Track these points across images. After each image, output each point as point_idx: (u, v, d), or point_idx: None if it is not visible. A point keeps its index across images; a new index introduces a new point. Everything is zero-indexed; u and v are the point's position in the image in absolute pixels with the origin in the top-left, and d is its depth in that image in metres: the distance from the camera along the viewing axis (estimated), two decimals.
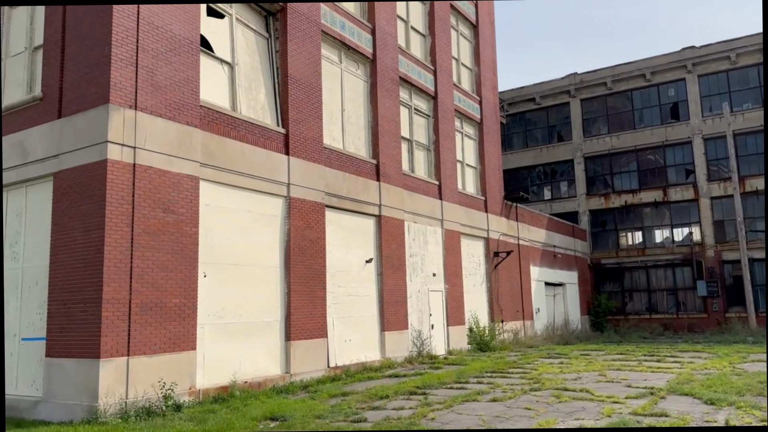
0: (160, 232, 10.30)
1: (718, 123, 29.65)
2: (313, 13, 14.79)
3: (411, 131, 19.24)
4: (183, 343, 10.36)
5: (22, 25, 12.04)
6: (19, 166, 11.07)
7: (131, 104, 10.12)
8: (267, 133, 13.16)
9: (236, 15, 13.12)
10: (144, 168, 10.20)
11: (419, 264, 18.43)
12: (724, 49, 30.06)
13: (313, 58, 14.69)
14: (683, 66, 31.04)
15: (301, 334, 13.17)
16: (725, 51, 30.00)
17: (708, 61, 30.56)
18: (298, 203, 13.67)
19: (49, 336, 9.91)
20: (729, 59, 29.98)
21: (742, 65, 29.84)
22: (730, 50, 29.86)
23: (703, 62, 30.65)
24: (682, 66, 31.07)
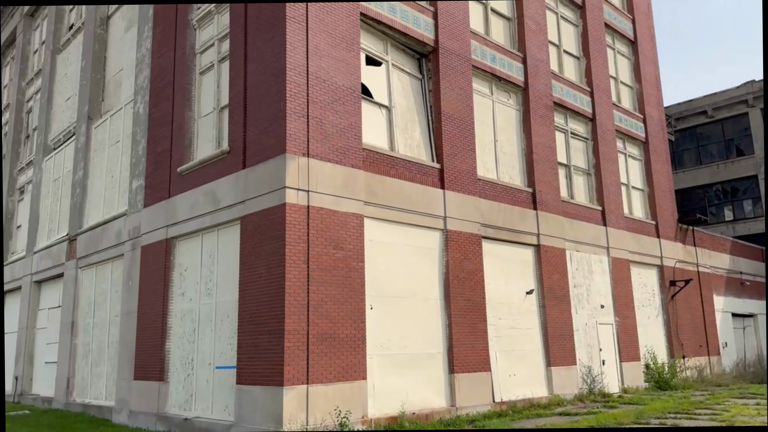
0: (331, 267, 11.05)
1: None
2: (463, 50, 15.14)
3: (568, 156, 18.63)
4: (355, 372, 10.90)
5: (211, 88, 13.83)
6: (211, 212, 12.58)
7: (304, 152, 11.10)
8: (423, 169, 13.60)
9: (392, 61, 13.88)
10: (316, 209, 11.07)
11: (584, 295, 17.56)
12: None
13: (464, 93, 14.97)
14: None
15: (464, 366, 13.16)
16: None
17: None
18: (454, 235, 13.84)
19: (239, 365, 11.00)
20: None
21: None
22: None
23: None
24: None
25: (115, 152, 17.42)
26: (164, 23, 15.37)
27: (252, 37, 12.16)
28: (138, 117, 15.87)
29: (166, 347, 13.20)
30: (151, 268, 14.12)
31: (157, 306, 13.62)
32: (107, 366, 15.93)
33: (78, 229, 18.15)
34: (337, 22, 12.18)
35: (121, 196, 16.61)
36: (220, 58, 13.57)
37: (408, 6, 13.98)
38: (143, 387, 13.55)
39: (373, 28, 13.42)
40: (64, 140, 20.80)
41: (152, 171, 14.78)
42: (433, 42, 14.44)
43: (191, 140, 13.95)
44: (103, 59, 19.35)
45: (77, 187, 18.63)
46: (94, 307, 17.02)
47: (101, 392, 16.00)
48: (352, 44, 12.42)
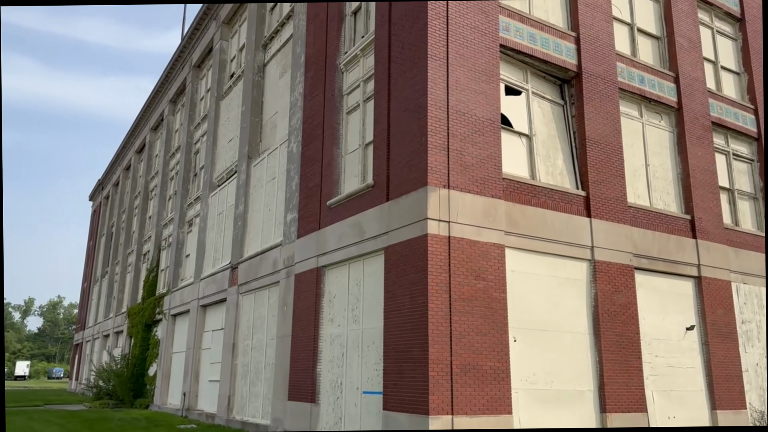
0: (472, 297, 11.08)
1: None
2: (608, 73, 14.63)
3: (731, 179, 17.07)
4: (500, 406, 10.74)
5: (356, 127, 14.67)
6: (357, 243, 13.23)
7: (444, 184, 11.36)
8: (566, 197, 13.23)
9: (532, 89, 13.80)
10: (457, 239, 11.22)
11: (754, 332, 15.79)
12: None
13: (611, 117, 14.41)
14: None
15: (618, 406, 12.39)
16: None
17: None
18: (603, 266, 13.22)
19: (386, 391, 11.34)
20: None
21: None
22: None
23: None
24: None
25: (272, 188, 19.00)
26: (315, 69, 16.65)
27: (395, 77, 12.77)
28: (291, 155, 17.23)
29: (317, 370, 13.97)
30: (303, 295, 15.11)
31: (309, 330, 14.50)
32: (264, 386, 17.15)
33: (239, 258, 19.93)
34: (476, 56, 12.42)
35: (277, 227, 18.03)
36: (365, 98, 14.39)
37: (549, 34, 13.87)
38: (296, 407, 14.40)
39: (512, 59, 13.47)
40: (227, 178, 23.09)
41: (304, 205, 15.91)
42: (576, 67, 14.14)
43: (339, 175, 14.84)
44: (260, 103, 21.32)
45: (238, 220, 20.53)
46: (253, 330, 18.49)
47: (258, 411, 17.24)
48: (491, 76, 12.57)
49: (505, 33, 13.15)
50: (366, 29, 15.04)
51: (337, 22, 16.00)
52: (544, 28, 13.84)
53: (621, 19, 15.90)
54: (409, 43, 12.45)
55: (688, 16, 17.05)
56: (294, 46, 18.47)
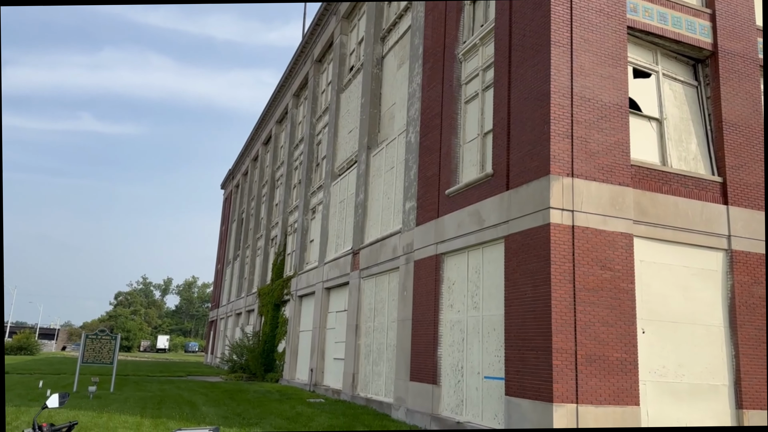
0: (598, 288, 10.96)
1: None
2: (748, 51, 13.60)
3: None
4: (626, 397, 10.60)
5: (475, 116, 14.83)
6: (476, 231, 13.47)
7: (568, 172, 11.27)
8: (701, 183, 12.57)
9: (662, 70, 13.18)
10: (581, 229, 11.12)
11: None
12: None
13: (751, 97, 13.41)
14: None
15: (757, 403, 11.71)
16: None
17: None
18: (741, 256, 12.45)
19: (507, 377, 11.56)
20: None
21: None
22: None
23: None
24: None
25: (390, 177, 19.67)
26: (433, 60, 16.96)
27: (516, 65, 12.77)
28: (410, 145, 17.74)
29: (438, 353, 14.46)
30: (423, 281, 15.63)
31: (429, 315, 15.02)
32: (386, 366, 17.98)
33: (360, 244, 20.88)
34: (602, 40, 12.10)
35: (396, 215, 18.68)
36: (483, 87, 14.49)
37: (681, 12, 13.14)
38: (418, 388, 15.02)
39: (641, 40, 12.95)
40: (347, 167, 24.14)
41: (423, 193, 16.38)
42: (711, 46, 13.30)
43: (457, 165, 15.11)
44: (379, 95, 22.03)
45: (359, 208, 21.47)
46: (374, 313, 19.38)
47: (381, 389, 18.12)
48: (618, 60, 12.19)
49: (633, 14, 12.65)
50: (485, 18, 15.09)
51: (456, 12, 16.16)
52: (676, 6, 13.13)
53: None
54: (530, 30, 12.39)
55: None
56: (412, 38, 18.88)
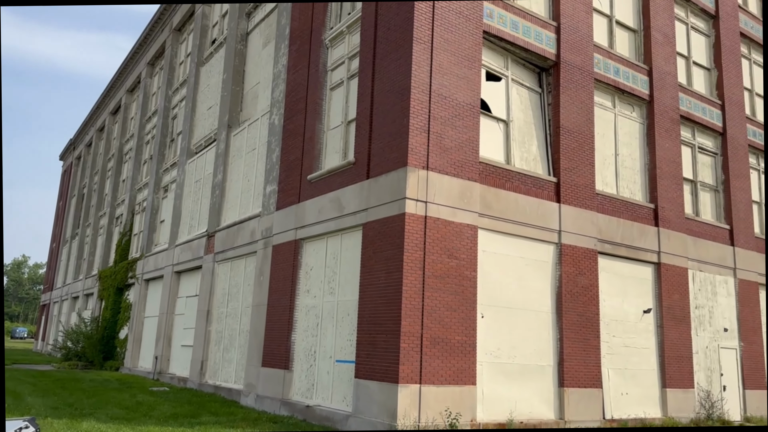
0: (445, 275, 11.63)
1: None
2: (585, 64, 15.12)
3: (694, 171, 17.87)
4: (465, 377, 11.40)
5: (340, 103, 14.93)
6: (336, 218, 13.63)
7: (423, 165, 11.78)
8: (539, 182, 13.79)
9: (512, 76, 14.22)
10: (433, 219, 11.70)
11: (707, 317, 16.78)
12: None
13: (585, 106, 14.95)
14: None
15: (575, 381, 13.20)
16: None
17: None
18: (569, 250, 13.89)
19: (358, 360, 11.89)
20: None
21: None
22: None
23: None
24: None
25: (251, 159, 19.17)
26: (300, 42, 16.75)
27: (380, 57, 13.04)
28: (273, 127, 17.41)
29: (292, 339, 14.45)
30: (280, 266, 15.49)
31: (284, 300, 14.93)
32: (237, 352, 17.60)
33: (216, 227, 20.15)
34: (460, 41, 12.75)
35: (256, 198, 18.27)
36: (349, 75, 14.62)
37: (531, 22, 14.24)
38: (270, 373, 14.90)
39: (494, 45, 13.84)
40: (205, 145, 23.10)
41: (284, 177, 16.19)
42: (555, 56, 14.59)
43: (320, 151, 15.13)
44: (242, 73, 21.31)
45: (216, 189, 20.67)
46: (228, 298, 18.84)
47: (231, 376, 17.71)
48: (473, 61, 12.93)
49: (489, 19, 13.48)
50: (353, 6, 15.18)
51: None
52: (527, 16, 14.21)
53: (601, 11, 16.35)
54: (395, 24, 12.70)
55: (665, 11, 17.59)
56: (279, 17, 18.48)
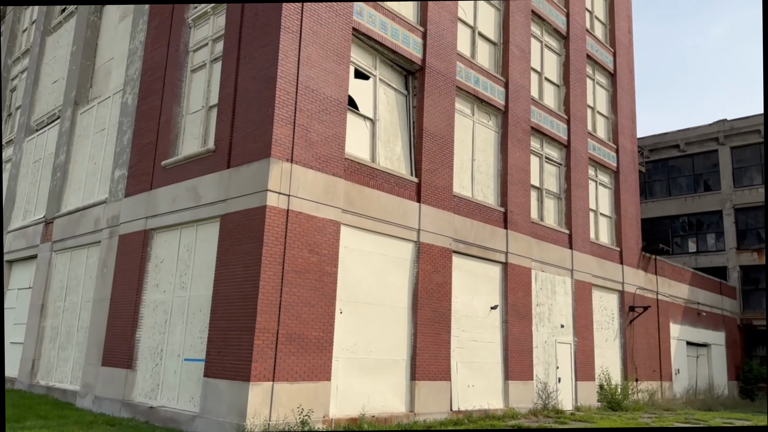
0: (305, 270, 11.47)
1: None
2: (449, 71, 15.73)
3: (541, 180, 19.35)
4: (320, 373, 11.33)
5: (201, 87, 14.17)
6: (192, 208, 12.91)
7: (288, 158, 11.53)
8: (401, 182, 14.11)
9: (380, 76, 14.39)
10: (295, 213, 11.49)
11: (546, 314, 18.24)
12: None
13: (447, 112, 15.56)
14: None
15: (426, 375, 13.68)
16: None
17: None
18: (426, 248, 14.37)
19: (208, 358, 11.34)
20: None
21: None
22: None
23: None
24: None
25: (100, 140, 17.59)
26: (159, 18, 15.66)
27: (246, 42, 12.55)
28: (126, 107, 16.11)
29: (137, 336, 13.46)
30: (127, 258, 14.37)
31: (130, 295, 13.87)
32: (75, 350, 16.07)
33: (55, 213, 18.24)
34: (329, 35, 12.65)
35: (102, 183, 16.80)
36: (212, 58, 13.93)
37: (399, 25, 14.52)
38: (110, 373, 13.77)
39: (363, 43, 13.92)
40: (47, 122, 20.86)
41: (136, 162, 15.04)
42: (421, 61, 15.00)
43: (177, 135, 14.25)
44: (95, 46, 19.51)
45: (58, 171, 18.73)
46: (66, 292, 17.14)
47: (66, 376, 16.13)
48: (342, 57, 12.90)
49: (359, 17, 13.53)
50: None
51: None
52: (396, 18, 14.47)
53: (465, 22, 17.12)
54: (262, 10, 12.29)
55: (522, 28, 18.85)
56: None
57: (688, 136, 33.11)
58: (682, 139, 33.23)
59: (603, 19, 24.12)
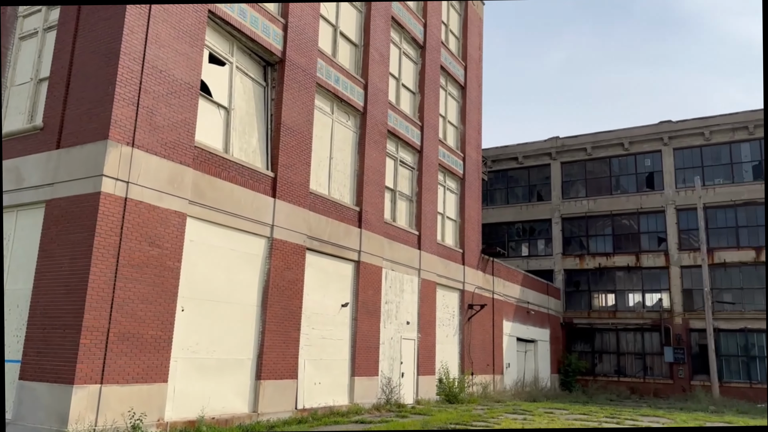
0: (143, 264, 10.67)
1: (690, 195, 30.88)
2: (309, 66, 15.61)
3: (395, 182, 19.94)
4: (155, 374, 10.60)
5: (30, 56, 12.63)
6: (12, 191, 11.44)
7: (129, 141, 10.65)
8: (256, 175, 13.72)
9: (236, 63, 13.86)
10: (135, 202, 10.65)
11: (394, 311, 18.83)
12: (700, 125, 31.60)
13: (306, 107, 15.42)
14: (660, 138, 32.51)
15: (272, 374, 13.41)
16: (700, 127, 31.53)
17: (683, 136, 32.06)
18: (280, 244, 14.12)
19: (25, 359, 10.11)
20: (703, 135, 31.50)
21: (715, 142, 31.33)
22: (705, 127, 31.40)
23: (679, 136, 32.14)
24: (659, 138, 32.54)
25: None
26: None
27: (86, 13, 11.41)
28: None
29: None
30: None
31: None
32: None
33: None
34: (182, 14, 11.92)
35: None
36: (46, 27, 12.48)
37: (259, 13, 14.11)
38: None
39: (220, 28, 13.31)
40: None
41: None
42: (281, 53, 14.71)
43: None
44: None
45: None
46: None
47: None
48: (195, 40, 12.22)
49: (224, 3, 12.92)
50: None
51: None
52: (255, 6, 14.04)
53: (327, 19, 17.12)
54: None
55: (383, 33, 19.29)
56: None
57: (526, 150, 36.16)
58: (520, 152, 36.22)
59: (457, 33, 25.51)
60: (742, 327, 28.81)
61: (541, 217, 35.21)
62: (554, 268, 34.11)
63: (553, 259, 34.25)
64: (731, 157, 31.02)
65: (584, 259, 33.38)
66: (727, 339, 28.96)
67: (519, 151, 36.27)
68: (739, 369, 28.65)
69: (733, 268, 29.66)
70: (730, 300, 29.50)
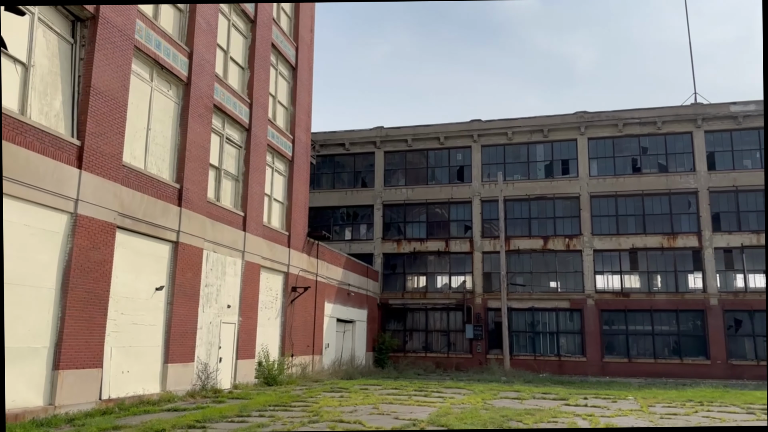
0: None
1: (493, 188, 34.24)
2: (127, 27, 14.27)
3: (221, 160, 19.17)
4: None
5: None
6: None
7: None
8: (58, 142, 12.25)
9: (39, 15, 12.17)
10: None
11: (214, 295, 18.18)
12: (504, 126, 35.08)
13: (122, 71, 14.10)
14: (470, 135, 35.49)
15: (73, 363, 12.18)
16: (504, 128, 35.02)
17: (490, 135, 35.36)
18: (85, 221, 12.81)
19: None
20: (506, 135, 35.04)
21: (516, 142, 35.04)
22: (508, 128, 34.95)
23: (486, 135, 35.38)
24: (470, 135, 35.50)
25: None
26: None
27: None
28: None
29: None
30: None
31: None
32: None
33: None
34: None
35: None
36: None
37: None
38: None
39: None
40: None
41: None
42: (94, 10, 13.23)
43: None
44: None
45: None
46: None
47: None
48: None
49: None
50: None
51: None
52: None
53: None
54: None
55: None
56: None
57: (353, 137, 37.08)
58: (347, 138, 37.05)
59: (289, 13, 25.16)
60: (530, 306, 32.85)
61: (365, 203, 36.45)
62: (374, 252, 35.59)
63: (374, 243, 35.72)
64: (528, 156, 34.97)
65: (401, 243, 35.32)
66: (517, 317, 32.81)
67: (346, 138, 37.05)
68: (527, 343, 32.70)
69: (525, 255, 33.60)
70: (521, 282, 33.41)
